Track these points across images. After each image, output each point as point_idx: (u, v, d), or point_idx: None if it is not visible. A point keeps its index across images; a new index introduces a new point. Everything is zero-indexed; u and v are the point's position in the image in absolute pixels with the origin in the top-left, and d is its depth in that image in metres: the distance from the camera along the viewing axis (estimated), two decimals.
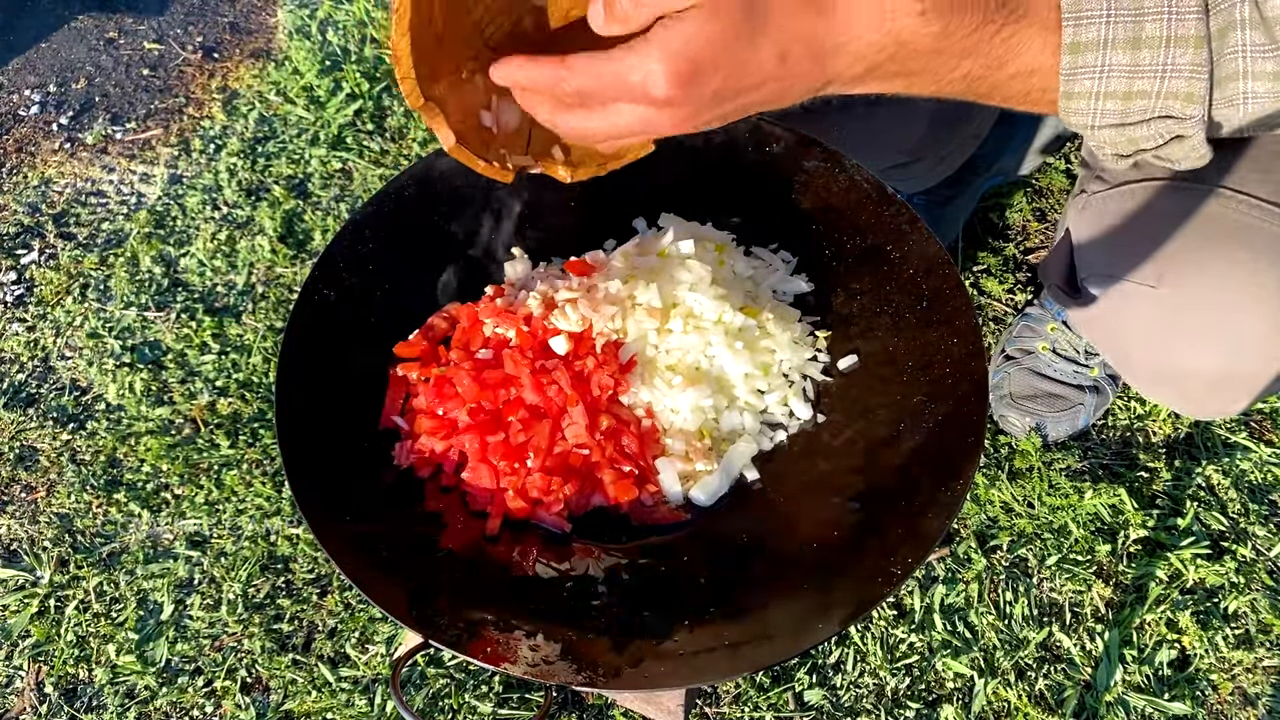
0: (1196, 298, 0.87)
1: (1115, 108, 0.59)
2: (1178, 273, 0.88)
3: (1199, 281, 0.87)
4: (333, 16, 1.93)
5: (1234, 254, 0.84)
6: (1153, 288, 0.90)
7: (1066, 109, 0.60)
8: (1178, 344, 0.91)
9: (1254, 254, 0.84)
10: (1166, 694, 1.15)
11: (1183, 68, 0.57)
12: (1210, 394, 0.94)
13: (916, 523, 0.77)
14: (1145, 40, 0.56)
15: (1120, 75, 0.57)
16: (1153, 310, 0.91)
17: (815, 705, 1.14)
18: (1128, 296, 0.93)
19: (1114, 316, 0.97)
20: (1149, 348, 0.94)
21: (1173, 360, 0.92)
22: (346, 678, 1.17)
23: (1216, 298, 0.86)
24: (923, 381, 0.87)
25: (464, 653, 0.70)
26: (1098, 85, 0.58)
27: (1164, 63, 0.57)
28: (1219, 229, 0.86)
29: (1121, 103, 0.59)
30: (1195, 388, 0.94)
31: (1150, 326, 0.92)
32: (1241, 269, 0.84)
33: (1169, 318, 0.90)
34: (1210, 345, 0.88)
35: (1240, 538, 1.27)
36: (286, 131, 1.76)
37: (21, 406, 1.44)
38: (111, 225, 1.65)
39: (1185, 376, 0.93)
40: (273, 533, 1.29)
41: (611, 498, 0.86)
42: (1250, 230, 0.84)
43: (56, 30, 1.97)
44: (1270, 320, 0.84)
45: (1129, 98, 0.58)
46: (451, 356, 0.93)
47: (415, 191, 0.99)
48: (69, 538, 1.31)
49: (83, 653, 1.21)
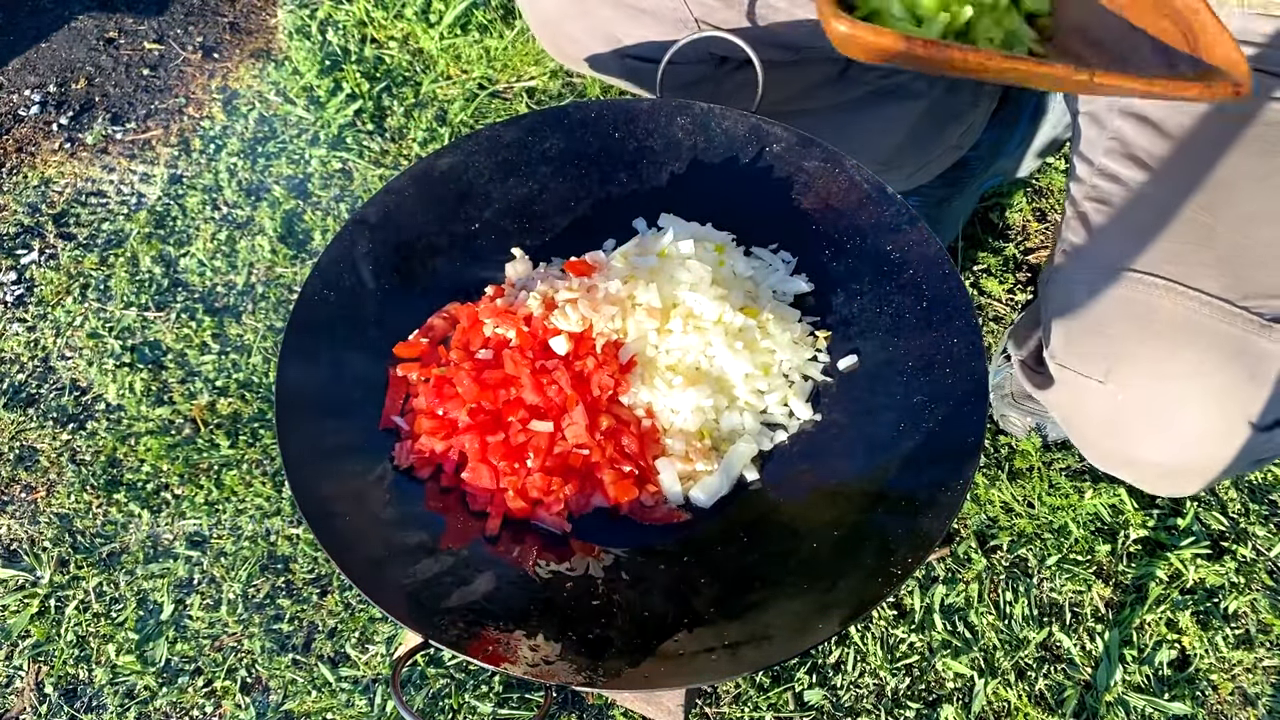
0: (1143, 397, 0.86)
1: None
2: (1125, 371, 0.87)
3: (1146, 382, 0.86)
4: (333, 16, 1.93)
5: (1182, 354, 0.83)
6: (1100, 383, 0.89)
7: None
8: (1127, 438, 0.90)
9: (1201, 355, 0.83)
10: (1166, 694, 1.15)
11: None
12: (1165, 482, 0.93)
13: (916, 523, 0.77)
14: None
15: None
16: (1101, 405, 0.90)
17: (815, 705, 1.14)
18: (1078, 388, 0.93)
19: (1069, 404, 0.97)
20: (1101, 436, 0.94)
21: (1124, 450, 0.91)
22: (346, 678, 1.17)
23: (1163, 398, 0.85)
24: (923, 381, 0.87)
25: (464, 653, 0.70)
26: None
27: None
28: (1168, 326, 0.84)
29: None
30: (1148, 475, 0.94)
31: (1100, 419, 0.92)
32: (1189, 370, 0.83)
33: (1117, 415, 0.89)
34: (1156, 442, 0.88)
35: (1240, 538, 1.27)
36: (286, 131, 1.76)
37: (21, 406, 1.44)
38: (111, 225, 1.65)
39: (1137, 465, 0.92)
40: (273, 533, 1.29)
41: (611, 498, 0.86)
42: (1199, 329, 0.83)
43: (56, 30, 1.97)
44: (1217, 420, 0.83)
45: None
46: (451, 356, 0.93)
47: (415, 191, 0.99)
48: (69, 538, 1.31)
49: (83, 653, 1.21)
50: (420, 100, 1.80)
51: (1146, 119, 0.93)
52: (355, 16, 1.92)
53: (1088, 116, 1.01)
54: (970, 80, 1.22)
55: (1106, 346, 0.88)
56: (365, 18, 1.91)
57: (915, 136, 1.19)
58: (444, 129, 1.74)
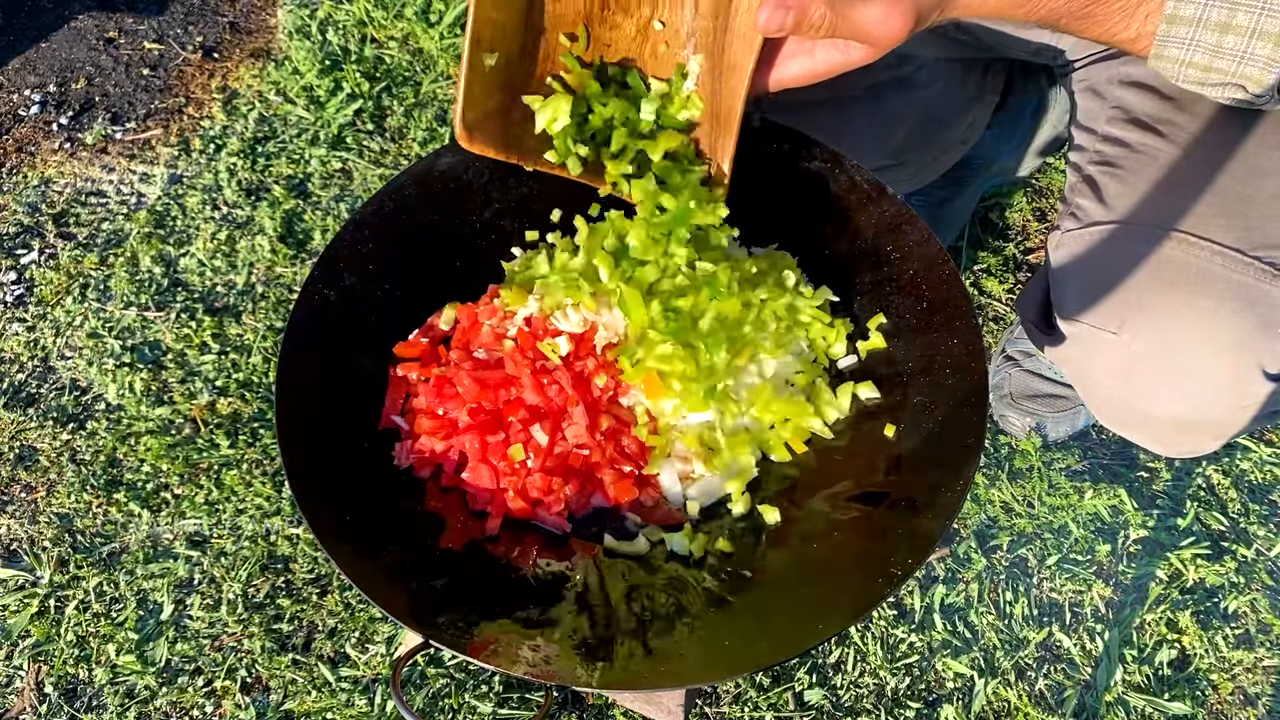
0: (1157, 346, 0.86)
1: (1195, 75, 0.72)
2: (1139, 320, 0.87)
3: (1160, 330, 0.86)
4: (333, 16, 1.93)
5: (1196, 302, 0.83)
6: (1114, 334, 0.89)
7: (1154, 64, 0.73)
8: (1140, 390, 0.90)
9: (1215, 302, 0.83)
10: (1166, 694, 1.15)
11: (1259, 58, 0.68)
12: (1177, 437, 0.93)
13: (916, 523, 0.77)
14: (1233, 28, 0.67)
15: (1204, 51, 0.69)
16: (1115, 357, 0.90)
17: (815, 705, 1.14)
18: (1091, 341, 0.92)
19: (1081, 359, 0.96)
20: (1114, 391, 0.93)
21: (1138, 405, 0.91)
22: (346, 678, 1.17)
23: (1177, 347, 0.85)
24: (923, 381, 0.87)
25: (464, 653, 0.70)
26: (1184, 55, 0.70)
27: (1244, 51, 0.68)
28: (1181, 276, 0.85)
29: (1201, 73, 0.71)
30: (1162, 431, 0.93)
31: (1114, 372, 0.91)
32: (1203, 318, 0.83)
33: (1131, 365, 0.89)
34: (1171, 393, 0.87)
35: (1240, 538, 1.27)
36: (286, 131, 1.76)
37: (21, 406, 1.44)
38: (111, 225, 1.65)
39: (1150, 421, 0.92)
40: (273, 533, 1.29)
41: (611, 498, 0.86)
42: (1212, 278, 0.83)
43: (56, 30, 1.97)
44: (1231, 369, 0.83)
45: (1208, 70, 0.70)
46: (451, 356, 0.93)
47: (415, 191, 0.99)
48: (69, 538, 1.31)
49: (83, 653, 1.21)
50: (420, 100, 1.80)
51: (1147, 86, 0.94)
52: (355, 16, 1.92)
53: (1088, 91, 1.01)
54: (975, 71, 1.23)
55: (1120, 297, 0.88)
56: (365, 17, 1.91)
57: (922, 129, 1.18)
58: (444, 129, 1.74)
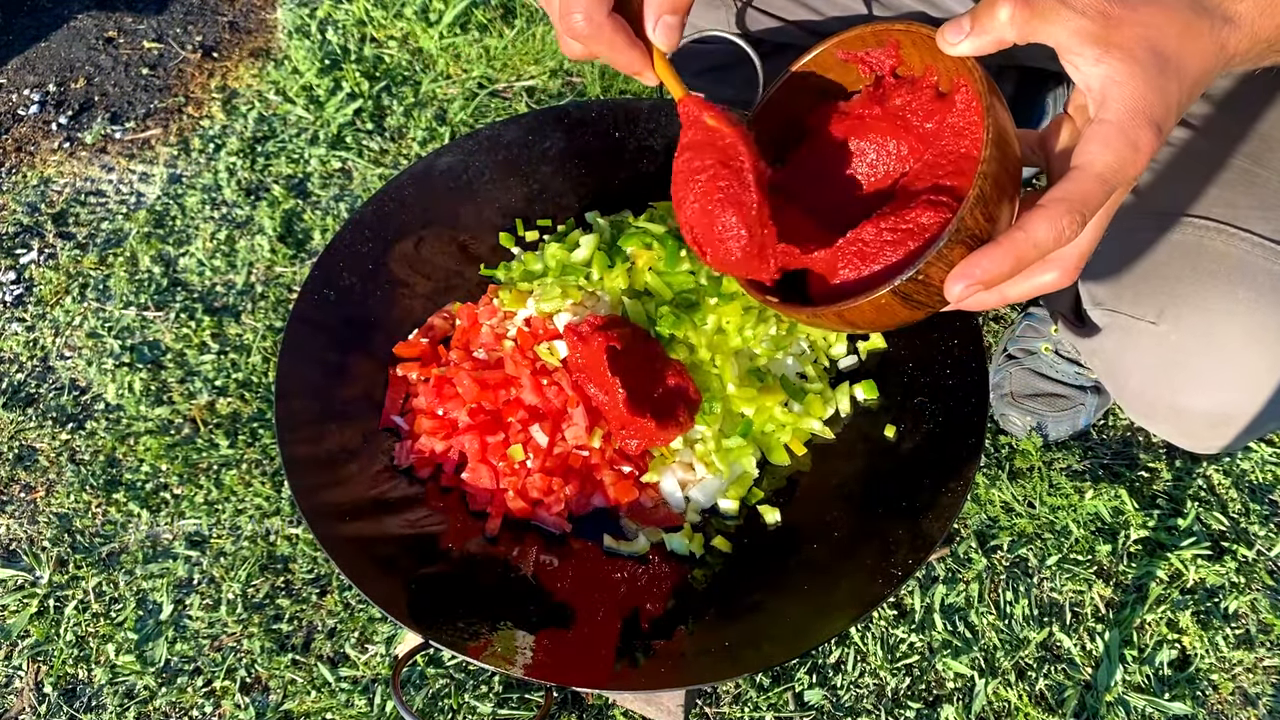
0: (1196, 336, 0.86)
1: None
2: (1178, 310, 0.87)
3: (1199, 320, 0.85)
4: (332, 16, 1.93)
5: (1235, 293, 0.83)
6: (1153, 324, 0.88)
7: None
8: (1176, 381, 0.89)
9: (1256, 293, 0.83)
10: (1167, 694, 1.15)
11: None
12: (1208, 431, 0.93)
13: (917, 523, 0.77)
14: None
15: None
16: (1152, 347, 0.90)
17: (815, 705, 1.14)
18: (1128, 331, 0.92)
19: (1115, 350, 0.96)
20: (1148, 383, 0.93)
21: (1171, 397, 0.91)
22: (346, 678, 1.17)
23: (1216, 337, 0.85)
24: (923, 382, 0.87)
25: (464, 653, 0.70)
26: None
27: None
28: (1221, 266, 0.84)
29: None
30: (1193, 425, 0.93)
31: (1149, 363, 0.91)
32: (1242, 308, 0.83)
33: (1168, 355, 0.89)
34: (1208, 385, 0.87)
35: (1240, 538, 1.27)
36: (286, 131, 1.76)
37: (21, 406, 1.44)
38: (111, 225, 1.65)
39: (1183, 414, 0.92)
40: (272, 533, 1.29)
41: (611, 498, 0.86)
42: (1252, 269, 0.83)
43: (56, 30, 1.97)
44: (1270, 361, 0.83)
45: None
46: (451, 356, 0.93)
47: (415, 191, 0.99)
48: (68, 538, 1.31)
49: (82, 653, 1.21)
50: (420, 100, 1.80)
51: None
52: (355, 16, 1.92)
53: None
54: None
55: (1157, 287, 0.88)
56: (365, 17, 1.91)
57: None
58: (444, 128, 1.74)
